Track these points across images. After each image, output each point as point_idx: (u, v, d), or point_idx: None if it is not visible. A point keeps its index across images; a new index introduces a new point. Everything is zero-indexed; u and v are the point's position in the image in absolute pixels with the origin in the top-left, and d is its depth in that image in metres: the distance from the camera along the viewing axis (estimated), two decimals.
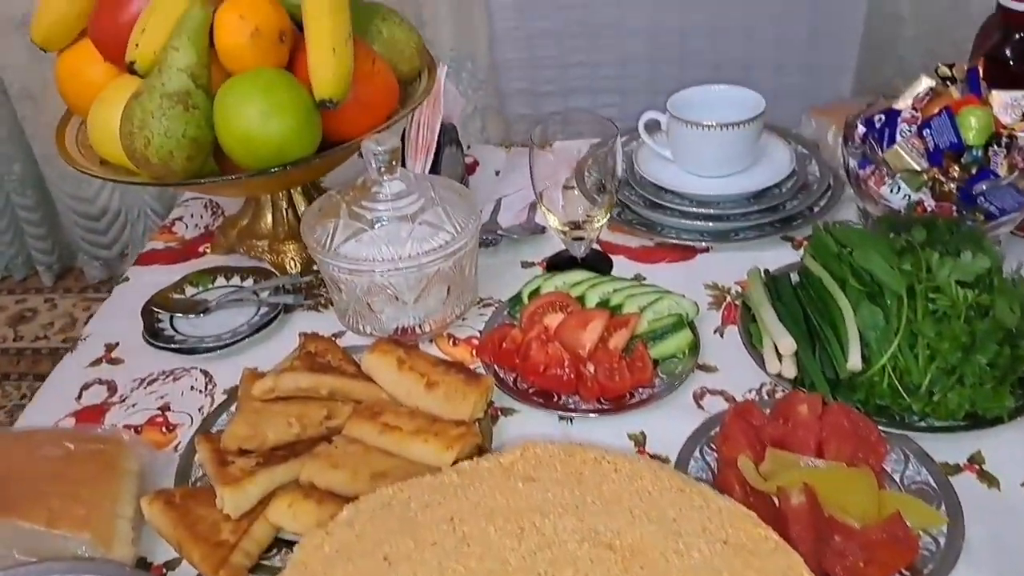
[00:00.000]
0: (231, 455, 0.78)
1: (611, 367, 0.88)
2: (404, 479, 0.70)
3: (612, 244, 1.13)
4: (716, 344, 0.95)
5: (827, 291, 0.90)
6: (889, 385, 0.82)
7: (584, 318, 0.93)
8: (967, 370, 0.80)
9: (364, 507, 0.61)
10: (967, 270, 0.84)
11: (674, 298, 0.96)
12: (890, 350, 0.82)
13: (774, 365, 0.87)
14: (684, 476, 0.62)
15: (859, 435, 0.78)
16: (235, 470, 0.75)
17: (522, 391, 0.89)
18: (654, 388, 0.88)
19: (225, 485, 0.74)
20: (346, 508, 0.62)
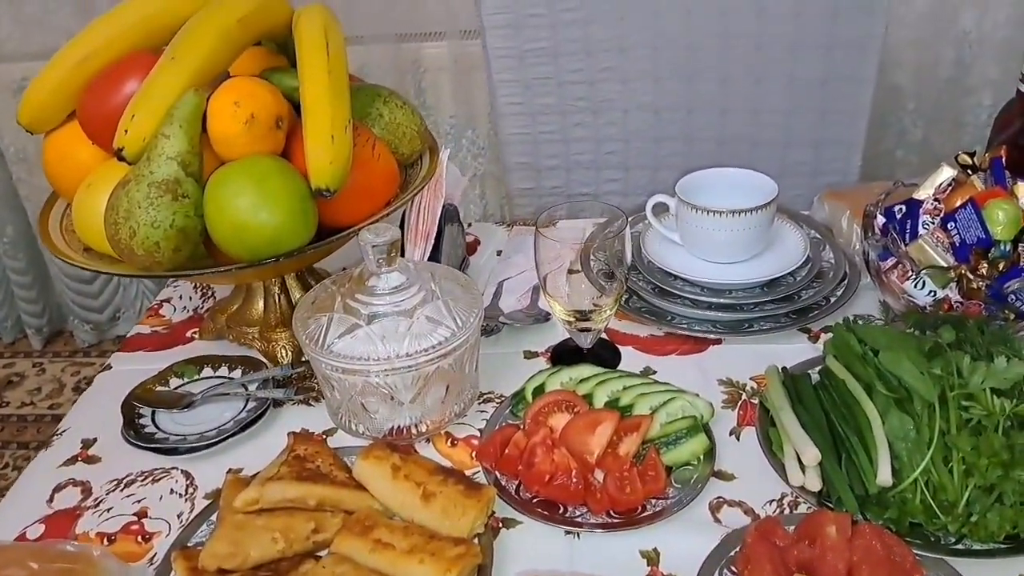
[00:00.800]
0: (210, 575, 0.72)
1: (622, 476, 0.82)
2: None
3: (619, 333, 1.08)
4: (732, 448, 0.90)
5: (852, 396, 0.85)
6: (922, 502, 0.76)
7: (592, 420, 0.87)
8: (1007, 487, 0.74)
9: None
10: (1002, 377, 0.79)
11: (688, 398, 0.90)
12: (922, 464, 0.77)
13: (797, 477, 0.81)
14: None
15: (893, 560, 0.72)
16: None
17: (525, 501, 0.83)
18: (668, 499, 0.82)
19: None
20: None
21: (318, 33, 0.88)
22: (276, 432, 0.93)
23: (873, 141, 1.97)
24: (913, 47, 2.06)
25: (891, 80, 2.08)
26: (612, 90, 1.58)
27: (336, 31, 0.91)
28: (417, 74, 2.21)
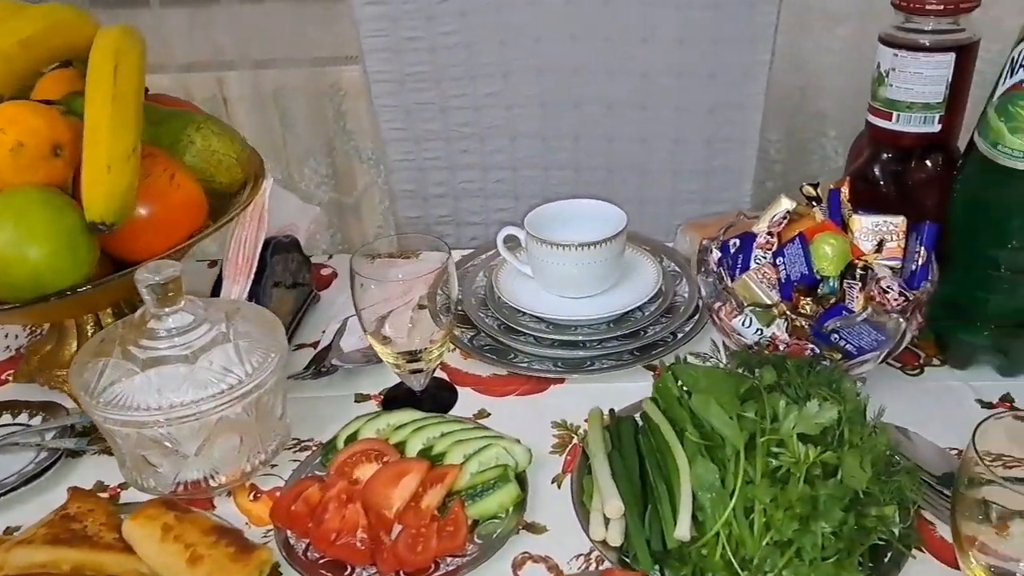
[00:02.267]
0: None
1: (416, 533, 0.77)
2: None
3: (461, 373, 1.03)
4: (551, 498, 0.84)
5: (666, 442, 0.80)
6: (722, 557, 0.71)
7: (399, 471, 0.82)
8: (805, 542, 0.70)
9: None
10: (812, 422, 0.74)
11: (506, 443, 0.85)
12: (723, 516, 0.72)
13: (598, 531, 0.76)
14: None
15: None
16: None
17: (311, 563, 0.77)
18: (465, 556, 0.77)
19: None
20: None
21: (107, 56, 0.83)
22: (69, 485, 0.87)
23: (798, 165, 1.96)
24: (838, 72, 2.04)
25: (815, 106, 2.06)
26: (497, 116, 1.54)
27: (133, 54, 0.86)
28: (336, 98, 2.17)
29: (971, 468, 0.63)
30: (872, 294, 0.85)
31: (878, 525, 0.71)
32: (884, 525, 0.72)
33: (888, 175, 1.00)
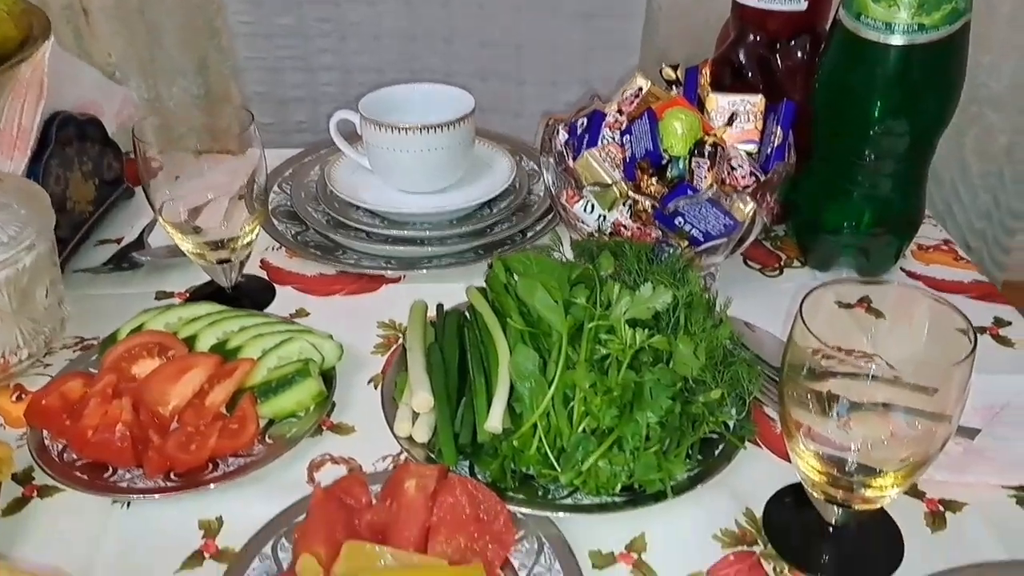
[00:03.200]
0: None
1: (194, 432, 0.67)
2: None
3: (283, 271, 0.92)
4: (366, 399, 0.75)
5: (489, 332, 0.71)
6: (539, 451, 0.64)
7: (183, 366, 0.71)
8: (626, 431, 0.62)
9: None
10: (645, 306, 0.67)
11: (313, 338, 0.75)
12: (541, 406, 0.64)
13: (404, 426, 0.67)
14: None
15: (481, 519, 0.59)
16: None
17: (64, 465, 0.65)
18: (249, 457, 0.67)
19: None
20: None
21: None
22: None
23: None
24: None
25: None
26: (360, 12, 1.41)
27: None
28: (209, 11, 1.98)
29: (798, 342, 0.56)
30: (721, 176, 0.77)
31: (705, 412, 0.65)
32: (714, 414, 0.65)
33: (753, 60, 0.92)
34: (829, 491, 0.58)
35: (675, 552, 0.61)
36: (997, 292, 0.87)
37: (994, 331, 0.82)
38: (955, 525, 0.63)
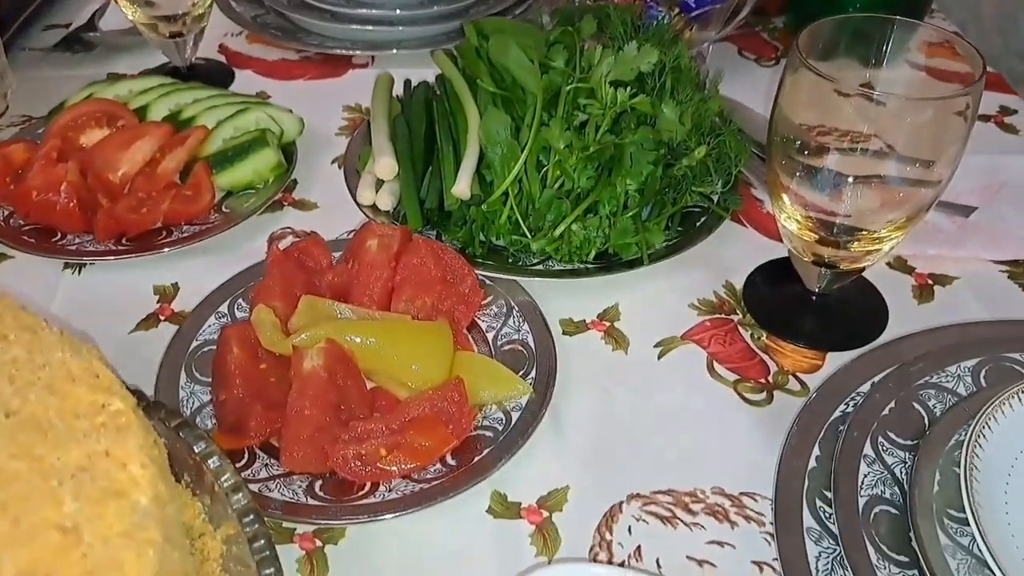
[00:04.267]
0: None
1: (146, 197, 0.63)
2: None
3: (243, 56, 0.86)
4: (329, 178, 0.71)
5: (457, 98, 0.66)
6: (510, 219, 0.60)
7: (133, 135, 0.67)
8: (604, 196, 0.59)
9: None
10: (627, 65, 0.62)
11: (270, 110, 0.70)
12: (513, 172, 0.60)
13: (367, 194, 0.63)
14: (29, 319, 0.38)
15: (447, 281, 0.56)
16: None
17: (12, 230, 0.62)
18: (205, 225, 0.63)
19: None
20: None
21: None
22: None
23: None
24: None
25: None
26: None
27: None
28: None
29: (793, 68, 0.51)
30: None
31: (688, 178, 0.61)
32: (697, 180, 0.62)
33: None
34: (817, 250, 0.54)
35: (649, 319, 0.58)
36: (1004, 82, 0.82)
37: (999, 119, 0.78)
38: (943, 297, 0.61)
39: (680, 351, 0.56)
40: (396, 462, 0.46)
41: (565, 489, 0.48)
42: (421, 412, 0.48)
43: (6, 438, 0.31)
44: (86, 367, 0.35)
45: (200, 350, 0.53)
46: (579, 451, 0.50)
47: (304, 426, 0.47)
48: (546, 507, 0.47)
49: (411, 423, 0.47)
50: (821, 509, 0.45)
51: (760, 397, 0.53)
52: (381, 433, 0.47)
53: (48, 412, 0.33)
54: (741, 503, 0.47)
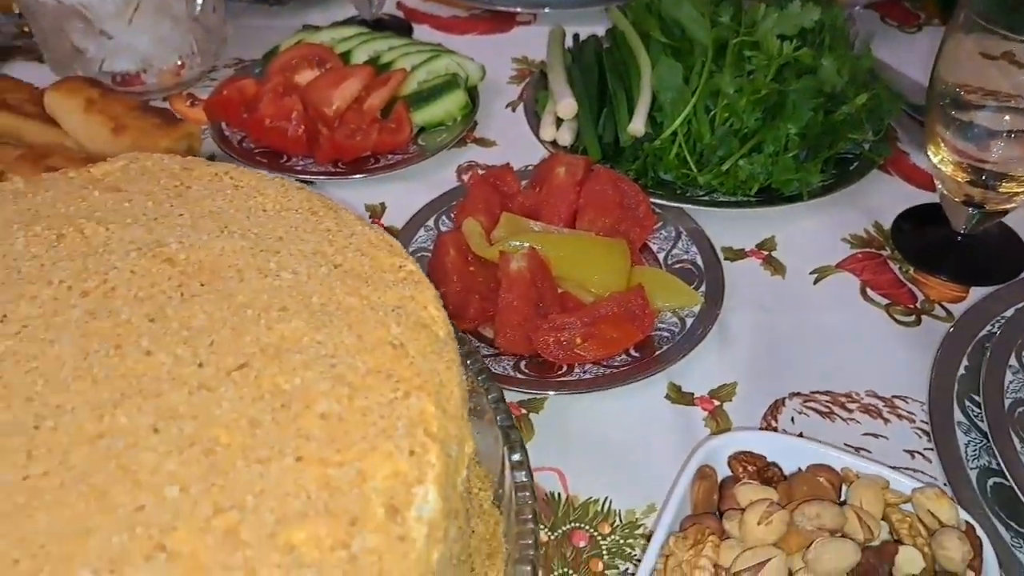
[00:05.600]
0: None
1: (356, 128, 0.72)
2: None
3: (419, 12, 0.95)
4: (504, 120, 0.79)
5: (630, 49, 0.74)
6: (677, 155, 0.67)
7: (341, 75, 0.76)
8: (768, 136, 0.65)
9: None
10: (793, 22, 0.68)
11: (456, 58, 0.79)
12: (684, 113, 0.67)
13: (549, 131, 0.71)
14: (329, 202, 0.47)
15: (624, 205, 0.63)
16: None
17: (245, 151, 0.72)
18: (406, 154, 0.72)
19: None
20: None
21: None
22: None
23: None
24: None
25: None
26: None
27: None
28: None
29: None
30: None
31: (846, 124, 0.66)
32: (854, 128, 0.67)
33: None
34: (968, 191, 0.60)
35: (804, 250, 0.65)
36: None
37: None
38: None
39: (834, 277, 0.62)
40: (589, 349, 0.54)
41: (733, 384, 0.55)
42: (611, 311, 0.56)
43: (340, 282, 0.40)
44: (381, 237, 0.44)
45: (415, 255, 0.62)
46: (744, 355, 0.57)
47: (513, 315, 0.55)
48: (717, 397, 0.55)
49: (602, 318, 0.55)
50: (969, 408, 0.51)
51: (910, 319, 0.59)
52: (576, 325, 0.55)
53: (364, 267, 0.42)
54: (893, 404, 0.54)
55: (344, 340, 0.38)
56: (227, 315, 0.38)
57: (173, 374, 0.36)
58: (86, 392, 0.35)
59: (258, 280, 0.40)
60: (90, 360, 0.36)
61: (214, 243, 0.42)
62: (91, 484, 0.32)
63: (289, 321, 0.38)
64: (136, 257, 0.41)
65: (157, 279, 0.40)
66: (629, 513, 0.49)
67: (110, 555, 0.30)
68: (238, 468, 0.33)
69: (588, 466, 0.51)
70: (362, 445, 0.34)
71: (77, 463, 0.32)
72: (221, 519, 0.31)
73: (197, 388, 0.35)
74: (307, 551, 0.31)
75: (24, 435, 0.33)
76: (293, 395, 0.35)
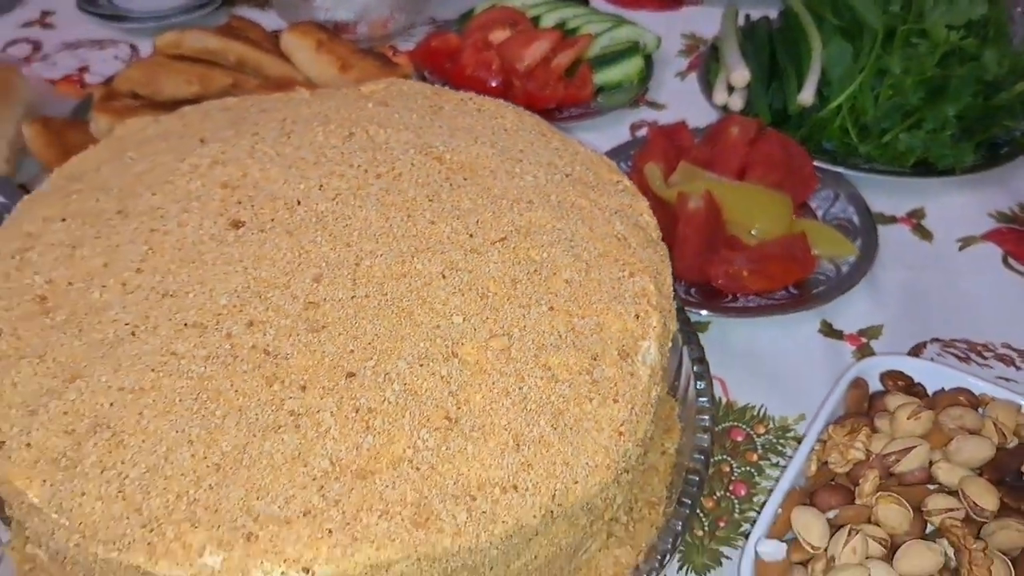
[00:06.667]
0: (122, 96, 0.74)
1: (545, 82, 0.81)
2: None
3: None
4: (673, 86, 0.87)
5: (802, 27, 0.80)
6: (841, 126, 0.74)
7: (531, 36, 0.85)
8: (928, 114, 0.71)
9: (201, 106, 0.56)
10: (960, 12, 0.73)
11: (636, 28, 0.87)
12: (851, 88, 0.73)
13: (721, 96, 0.79)
14: (553, 128, 0.56)
15: (790, 165, 0.70)
16: (118, 105, 0.72)
17: None
18: (586, 110, 0.81)
19: (103, 112, 0.70)
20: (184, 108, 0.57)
21: None
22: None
23: None
24: None
25: None
26: None
27: None
28: None
29: None
30: None
31: (1004, 108, 0.72)
32: (1010, 115, 0.72)
33: None
34: None
35: (951, 221, 0.70)
36: None
37: None
38: None
39: (979, 247, 0.68)
40: (754, 282, 0.62)
41: (880, 326, 0.62)
42: (776, 251, 0.63)
43: (571, 186, 0.49)
44: (600, 158, 0.53)
45: None
46: (891, 304, 0.64)
47: (689, 247, 0.63)
48: (864, 336, 0.61)
49: (768, 256, 0.63)
50: None
51: None
52: (744, 261, 0.63)
53: (589, 177, 0.51)
54: None
55: (579, 230, 0.47)
56: (486, 203, 0.48)
57: (451, 239, 0.45)
58: (390, 244, 0.45)
59: (507, 179, 0.50)
60: (390, 222, 0.46)
61: (470, 148, 0.52)
62: (400, 306, 0.42)
63: (535, 211, 0.48)
64: (413, 153, 0.51)
65: (431, 172, 0.50)
66: (782, 419, 0.56)
67: (418, 354, 0.40)
68: (506, 309, 0.42)
69: (746, 378, 0.59)
70: (598, 306, 0.43)
71: (389, 291, 0.43)
72: (496, 341, 0.41)
73: (470, 251, 0.45)
74: (560, 372, 0.40)
75: (349, 268, 0.43)
76: (543, 264, 0.45)
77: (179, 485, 0.35)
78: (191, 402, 0.38)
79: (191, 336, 0.40)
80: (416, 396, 0.39)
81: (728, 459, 0.54)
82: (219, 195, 0.47)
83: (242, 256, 0.44)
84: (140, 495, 0.35)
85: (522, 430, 0.38)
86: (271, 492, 0.35)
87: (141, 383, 0.38)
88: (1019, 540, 0.43)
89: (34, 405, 0.38)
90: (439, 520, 0.35)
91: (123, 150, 0.52)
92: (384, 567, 0.35)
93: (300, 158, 0.50)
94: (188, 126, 0.54)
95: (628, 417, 0.39)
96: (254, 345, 0.40)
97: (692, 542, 0.50)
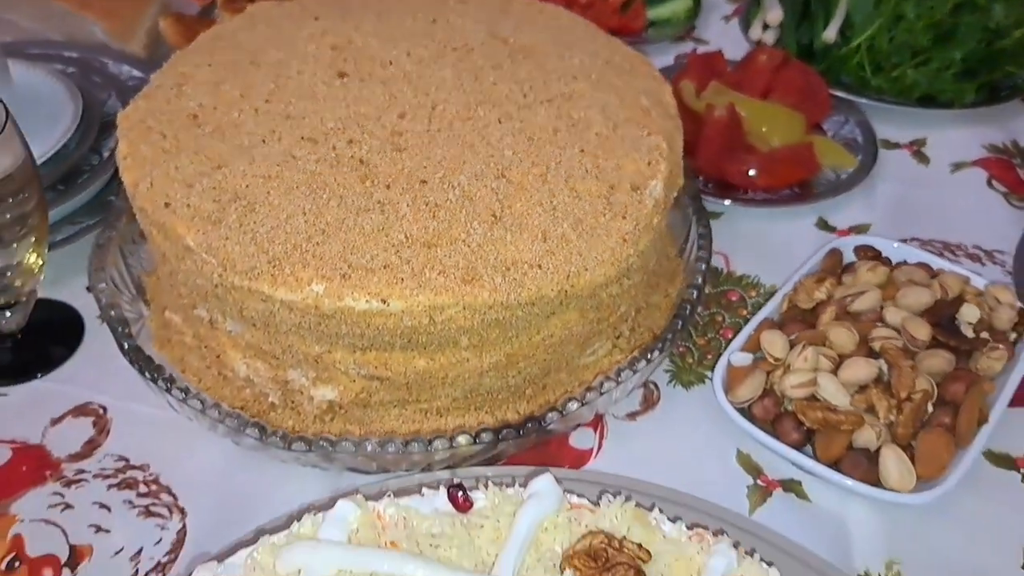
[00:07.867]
0: None
1: (603, 12, 0.93)
2: None
3: None
4: (718, 27, 0.98)
5: None
6: (858, 63, 0.84)
7: None
8: (936, 54, 0.80)
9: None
10: None
11: None
12: (870, 30, 0.83)
13: (756, 31, 0.89)
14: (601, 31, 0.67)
15: (808, 91, 0.81)
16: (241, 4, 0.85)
17: None
18: (637, 40, 0.92)
19: (228, 11, 0.84)
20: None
21: None
22: None
23: None
24: None
25: None
26: None
27: None
28: None
29: None
30: None
31: (1006, 52, 0.81)
32: (1011, 60, 0.81)
33: None
34: None
35: (948, 149, 0.80)
36: None
37: None
38: None
39: (968, 171, 0.78)
40: (763, 179, 0.73)
41: (868, 224, 0.72)
42: (784, 154, 0.74)
43: (609, 70, 0.61)
44: (636, 54, 0.65)
45: None
46: (881, 209, 0.74)
47: (711, 146, 0.74)
48: (854, 231, 0.72)
49: (777, 158, 0.74)
50: None
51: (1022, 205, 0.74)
52: (756, 161, 0.73)
53: (626, 64, 0.62)
54: (992, 255, 0.69)
55: (611, 100, 0.59)
56: (539, 75, 0.60)
57: (508, 97, 0.58)
58: (459, 96, 0.57)
59: (558, 60, 0.62)
60: (461, 81, 0.58)
61: (530, 36, 0.64)
62: (465, 140, 0.54)
63: (578, 83, 0.59)
64: (484, 36, 0.63)
65: (496, 50, 0.62)
66: (771, 286, 0.67)
67: (475, 172, 0.52)
68: (546, 149, 0.54)
69: (747, 256, 0.70)
70: (619, 153, 0.55)
71: (456, 129, 0.55)
72: (536, 169, 0.53)
73: (522, 107, 0.57)
74: (584, 193, 0.52)
75: (426, 110, 0.56)
76: (579, 121, 0.57)
77: (294, 239, 0.48)
78: (305, 188, 0.51)
79: (306, 146, 0.53)
80: (471, 200, 0.51)
81: (722, 312, 0.66)
82: (329, 54, 0.60)
83: (345, 96, 0.57)
84: (267, 243, 0.48)
85: (549, 229, 0.50)
86: (361, 250, 0.48)
87: (269, 172, 0.52)
88: (945, 366, 0.54)
89: (191, 182, 0.51)
90: (481, 280, 0.47)
91: (254, 23, 0.65)
92: (439, 309, 0.47)
93: (393, 34, 0.63)
94: (305, 8, 0.67)
95: (632, 230, 0.51)
96: (352, 155, 0.53)
97: (683, 366, 0.62)
